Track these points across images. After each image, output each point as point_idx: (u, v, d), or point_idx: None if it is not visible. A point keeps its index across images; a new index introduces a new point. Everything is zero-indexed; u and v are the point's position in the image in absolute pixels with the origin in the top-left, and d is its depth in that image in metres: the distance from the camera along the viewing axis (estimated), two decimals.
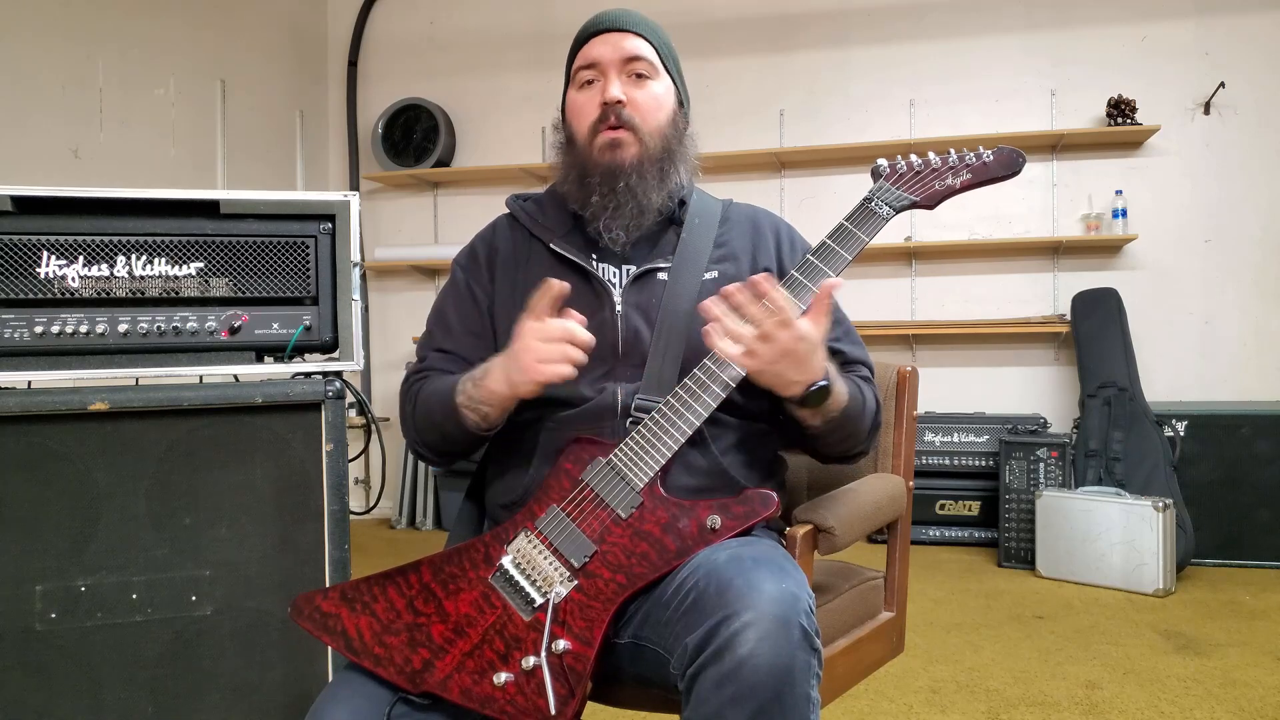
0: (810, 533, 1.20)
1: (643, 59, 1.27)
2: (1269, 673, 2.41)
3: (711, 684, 0.92)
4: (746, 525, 1.07)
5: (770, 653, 0.91)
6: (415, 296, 4.86)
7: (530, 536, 1.12)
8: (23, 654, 1.37)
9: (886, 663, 1.46)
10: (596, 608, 1.05)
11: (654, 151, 1.26)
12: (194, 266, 1.47)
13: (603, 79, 1.26)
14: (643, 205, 1.25)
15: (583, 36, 1.29)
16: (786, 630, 0.92)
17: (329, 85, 4.94)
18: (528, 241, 1.33)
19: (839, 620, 1.35)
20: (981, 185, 1.23)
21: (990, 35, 4.22)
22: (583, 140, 1.27)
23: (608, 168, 1.24)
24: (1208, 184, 4.01)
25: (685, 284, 1.25)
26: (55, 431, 1.40)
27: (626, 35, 1.27)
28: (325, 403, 1.49)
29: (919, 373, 1.53)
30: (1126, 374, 3.76)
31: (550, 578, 1.08)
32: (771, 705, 0.91)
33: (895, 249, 4.18)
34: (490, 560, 1.12)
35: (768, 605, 0.93)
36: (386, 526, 4.52)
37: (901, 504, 1.44)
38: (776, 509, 1.08)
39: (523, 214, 1.35)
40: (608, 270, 1.28)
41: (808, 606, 0.96)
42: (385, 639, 1.10)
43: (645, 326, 1.23)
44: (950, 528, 3.92)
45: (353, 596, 1.13)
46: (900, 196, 1.21)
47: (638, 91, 1.26)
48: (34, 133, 3.21)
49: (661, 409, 1.12)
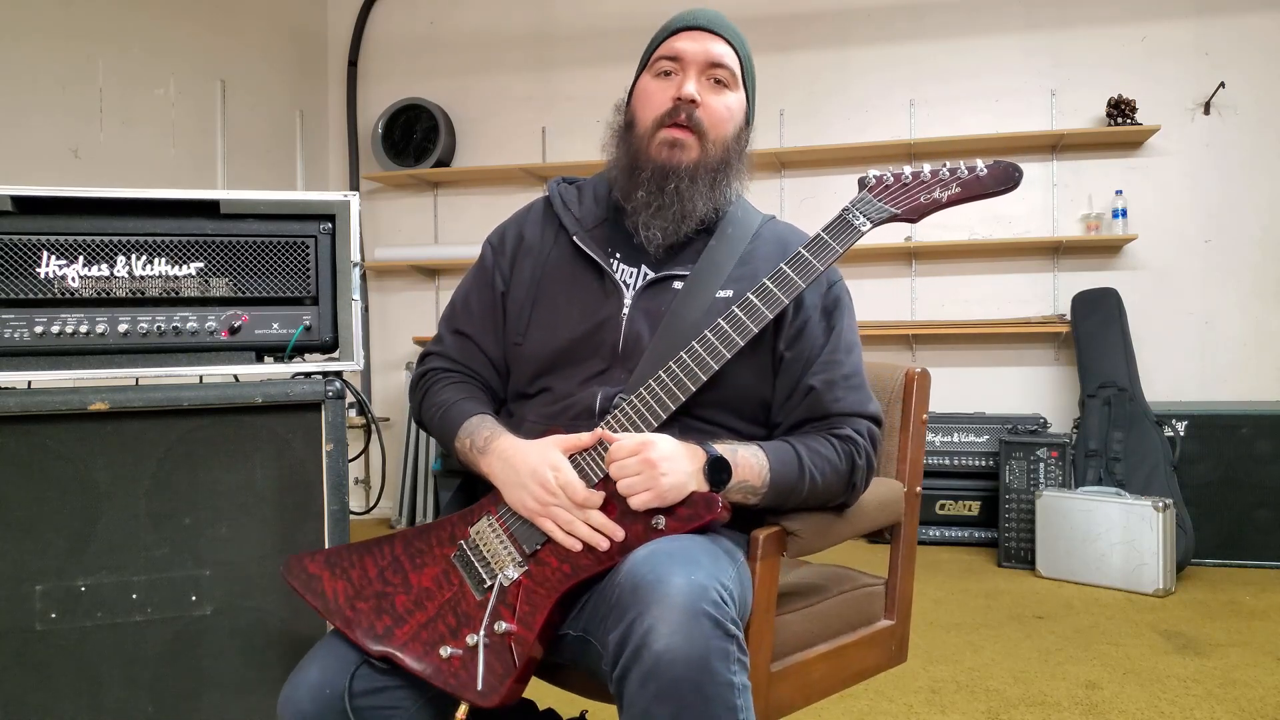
0: (775, 534, 1.18)
1: (726, 67, 1.25)
2: (1269, 673, 2.41)
3: (636, 684, 0.94)
4: (691, 527, 1.08)
5: (683, 645, 0.92)
6: (415, 296, 4.86)
7: (491, 520, 1.17)
8: (23, 654, 1.37)
9: (884, 671, 1.42)
10: (541, 594, 1.10)
11: (712, 160, 1.24)
12: (194, 266, 1.47)
13: (681, 74, 1.24)
14: (687, 211, 1.24)
15: (672, 28, 1.27)
16: (695, 620, 0.93)
17: (329, 85, 4.94)
18: (556, 231, 1.32)
19: (820, 625, 1.32)
20: (973, 200, 1.19)
21: (990, 35, 4.22)
22: (644, 130, 1.25)
23: (661, 166, 1.23)
24: (1208, 184, 4.00)
25: (698, 297, 1.24)
26: (55, 431, 1.40)
27: (717, 39, 1.25)
28: (325, 403, 1.48)
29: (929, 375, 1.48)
30: (1126, 374, 3.75)
31: (503, 560, 1.14)
32: (693, 696, 0.92)
33: (895, 249, 4.18)
34: (454, 539, 1.19)
35: (675, 598, 0.94)
36: (386, 527, 4.52)
37: (896, 509, 1.39)
38: (721, 511, 1.07)
39: (558, 200, 1.34)
40: (624, 271, 1.27)
41: (717, 596, 0.96)
42: (356, 604, 1.17)
43: (648, 331, 1.23)
44: (950, 528, 3.92)
45: (335, 561, 1.22)
46: (880, 209, 1.18)
47: (713, 97, 1.24)
48: (34, 133, 3.21)
49: (623, 407, 1.15)
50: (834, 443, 1.20)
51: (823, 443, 1.20)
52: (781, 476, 1.15)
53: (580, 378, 1.23)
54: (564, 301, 1.27)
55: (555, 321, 1.26)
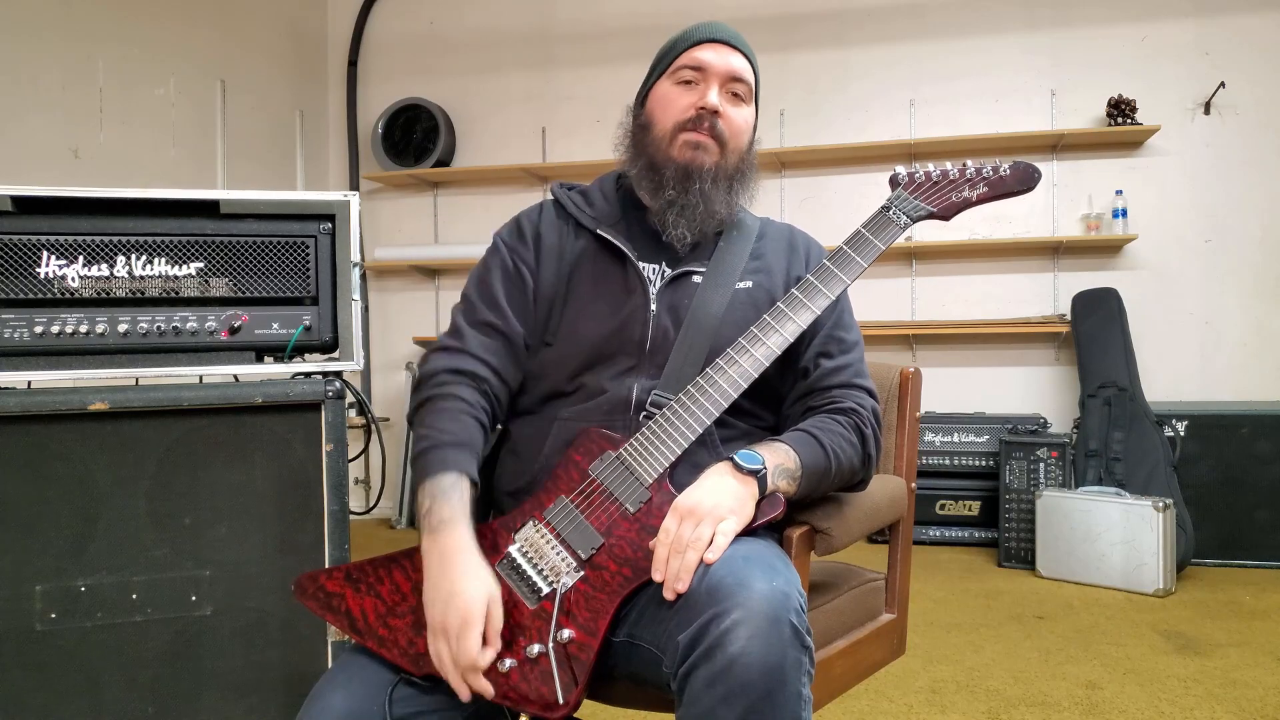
0: (806, 533, 1.20)
1: (744, 82, 1.29)
2: (1269, 673, 2.41)
3: (703, 683, 0.92)
4: (754, 526, 1.07)
5: (761, 650, 0.91)
6: (415, 296, 4.86)
7: (538, 526, 1.13)
8: (23, 654, 1.37)
9: (887, 664, 1.46)
10: (602, 599, 1.07)
11: (729, 167, 1.28)
12: (194, 266, 1.47)
13: (704, 84, 1.26)
14: (710, 211, 1.26)
15: (695, 38, 1.28)
16: (777, 628, 0.93)
17: (329, 85, 4.94)
18: (575, 229, 1.33)
19: (837, 621, 1.35)
20: (997, 199, 1.23)
21: (990, 35, 4.22)
22: (663, 132, 1.27)
23: (684, 167, 1.25)
24: (1208, 184, 4.00)
25: (718, 290, 1.26)
26: (55, 431, 1.40)
27: (738, 54, 1.28)
28: (325, 403, 1.49)
29: (921, 374, 1.52)
30: (1126, 374, 3.75)
31: (557, 568, 1.10)
32: (762, 703, 0.91)
33: (895, 249, 4.17)
34: (497, 548, 1.14)
35: (758, 603, 0.93)
36: (386, 526, 4.52)
37: (902, 506, 1.44)
38: (782, 511, 1.09)
39: (569, 202, 1.35)
40: (647, 267, 1.29)
41: (798, 605, 0.96)
42: (390, 621, 1.12)
43: (674, 326, 1.25)
44: (950, 528, 3.92)
45: (357, 577, 1.16)
46: (918, 206, 1.22)
47: (732, 109, 1.28)
48: (34, 133, 3.21)
49: (673, 405, 1.14)
50: (839, 419, 1.22)
51: (830, 420, 1.22)
52: (810, 459, 1.15)
53: (612, 373, 1.23)
54: (591, 298, 1.27)
55: (585, 318, 1.26)
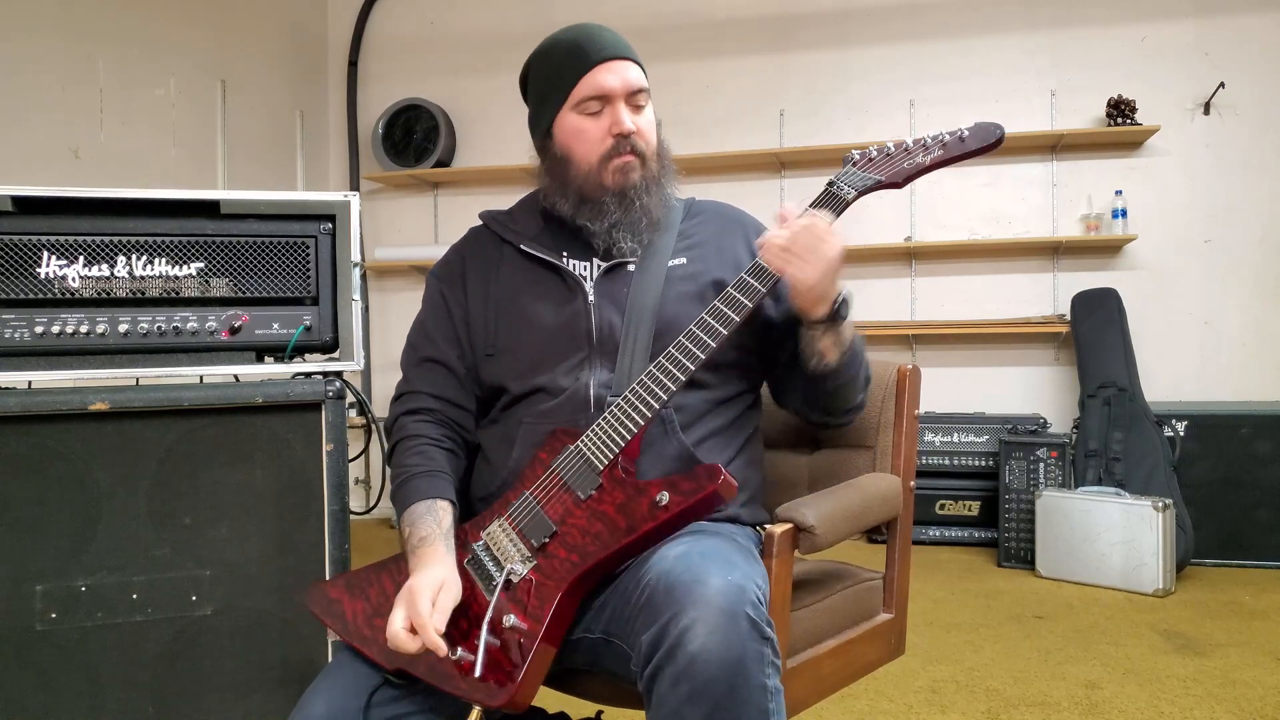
0: (789, 532, 1.19)
1: (644, 89, 1.31)
2: (1269, 673, 2.41)
3: (668, 683, 0.94)
4: (694, 500, 1.05)
5: (720, 646, 0.93)
6: (415, 296, 4.81)
7: (502, 521, 1.18)
8: (23, 654, 1.37)
9: (885, 664, 1.45)
10: (550, 586, 1.09)
11: (653, 172, 1.32)
12: (194, 267, 1.47)
13: (611, 108, 1.28)
14: (651, 217, 1.32)
15: (590, 63, 1.28)
16: (734, 622, 0.94)
17: (329, 85, 4.93)
18: (499, 248, 1.38)
19: (828, 620, 1.35)
20: (956, 160, 1.24)
21: (990, 35, 4.22)
22: (589, 167, 1.30)
23: (621, 190, 1.29)
24: (1208, 184, 4.00)
25: (652, 274, 1.30)
26: (55, 431, 1.40)
27: (629, 64, 1.30)
28: (325, 403, 1.49)
29: (919, 371, 1.52)
30: (1126, 374, 3.75)
31: (511, 557, 1.14)
32: (726, 698, 0.93)
33: (895, 249, 4.18)
34: (465, 545, 1.19)
35: (714, 599, 0.95)
36: (387, 526, 4.52)
37: (896, 504, 1.43)
38: (723, 481, 1.05)
39: (494, 223, 1.41)
40: (579, 265, 1.33)
41: (755, 597, 0.97)
42: (374, 621, 1.17)
43: (618, 317, 1.28)
44: (950, 528, 3.92)
45: (354, 584, 1.24)
46: (864, 178, 1.25)
47: (640, 119, 1.31)
48: (34, 133, 3.21)
49: (626, 395, 1.16)
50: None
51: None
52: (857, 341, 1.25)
53: (565, 368, 1.26)
54: (529, 302, 1.32)
55: (527, 322, 1.30)
